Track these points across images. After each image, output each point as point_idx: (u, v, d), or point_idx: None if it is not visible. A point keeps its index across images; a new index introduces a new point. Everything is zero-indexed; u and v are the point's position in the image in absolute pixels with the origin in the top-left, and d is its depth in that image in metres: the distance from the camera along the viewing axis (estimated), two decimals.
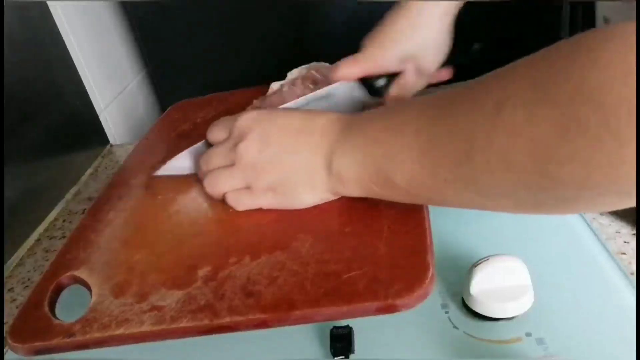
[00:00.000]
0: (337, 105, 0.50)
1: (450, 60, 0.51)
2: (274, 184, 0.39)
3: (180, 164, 0.48)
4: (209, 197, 0.44)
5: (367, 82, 0.49)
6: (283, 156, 0.39)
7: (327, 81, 0.50)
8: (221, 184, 0.41)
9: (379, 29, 0.49)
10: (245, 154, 0.40)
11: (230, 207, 0.42)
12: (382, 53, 0.48)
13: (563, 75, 0.24)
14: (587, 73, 0.23)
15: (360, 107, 0.50)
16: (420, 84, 0.51)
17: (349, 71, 0.48)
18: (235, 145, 0.40)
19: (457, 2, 0.49)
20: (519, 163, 0.27)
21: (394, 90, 0.50)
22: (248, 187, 0.40)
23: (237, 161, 0.40)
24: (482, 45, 0.54)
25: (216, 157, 0.42)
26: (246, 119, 0.41)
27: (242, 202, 0.41)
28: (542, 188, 0.27)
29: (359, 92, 0.49)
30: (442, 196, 0.33)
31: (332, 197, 0.39)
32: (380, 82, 0.49)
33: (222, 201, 0.42)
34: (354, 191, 0.38)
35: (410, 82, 0.50)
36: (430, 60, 0.50)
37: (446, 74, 0.53)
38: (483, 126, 0.28)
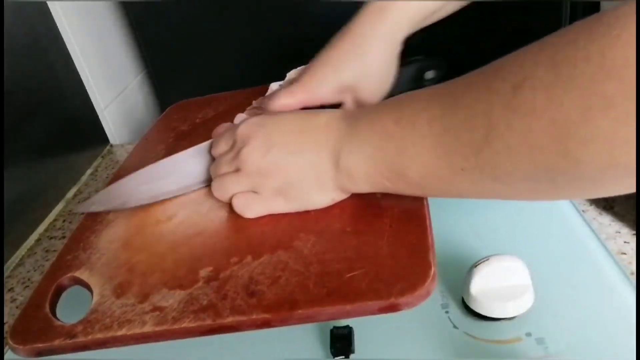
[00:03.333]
0: None
1: (404, 87, 0.47)
2: (281, 188, 0.39)
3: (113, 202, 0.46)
4: (209, 197, 0.44)
5: None
6: (287, 158, 0.38)
7: (268, 104, 0.47)
8: (228, 188, 0.41)
9: (317, 58, 0.46)
10: (249, 159, 0.39)
11: (228, 208, 0.42)
12: (317, 84, 0.45)
13: (583, 53, 0.24)
14: (608, 50, 0.23)
15: None
16: None
17: (285, 102, 0.45)
18: (239, 151, 0.40)
19: (410, 24, 0.45)
20: (540, 145, 0.26)
21: None
22: (256, 192, 0.40)
23: (242, 167, 0.40)
24: (437, 74, 0.51)
25: (223, 165, 0.42)
26: (247, 125, 0.40)
27: (251, 209, 0.40)
28: (563, 170, 0.27)
29: None
30: (458, 187, 0.33)
31: (343, 196, 0.39)
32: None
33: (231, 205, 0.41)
34: (364, 187, 0.37)
35: None
36: (372, 92, 0.46)
37: None
38: (501, 110, 0.28)
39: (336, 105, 0.46)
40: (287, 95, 0.46)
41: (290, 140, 0.38)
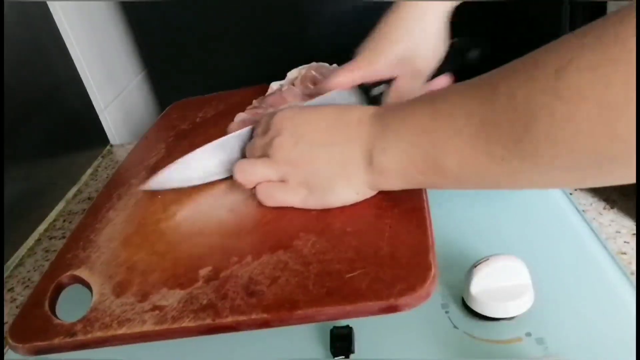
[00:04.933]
0: None
1: (447, 67, 0.51)
2: (307, 179, 0.39)
3: (176, 175, 0.46)
4: (209, 197, 0.44)
5: (363, 90, 0.49)
6: (317, 149, 0.38)
7: (326, 83, 0.50)
8: (257, 171, 0.41)
9: (372, 34, 0.49)
10: (280, 148, 0.39)
11: (228, 207, 0.42)
12: (376, 59, 0.48)
13: (630, 31, 0.23)
14: None
15: None
16: (416, 88, 0.50)
17: (344, 79, 0.48)
18: (272, 139, 0.40)
19: (453, 2, 0.48)
20: (586, 130, 0.26)
21: (390, 96, 0.49)
22: (283, 181, 0.40)
23: (272, 155, 0.40)
24: (479, 51, 0.53)
25: (255, 150, 0.42)
26: (281, 116, 0.41)
27: (273, 197, 0.40)
28: (612, 155, 0.26)
29: (356, 100, 0.49)
30: (496, 177, 0.32)
31: (369, 193, 0.39)
32: (376, 91, 0.48)
33: (250, 192, 0.41)
34: (396, 183, 0.37)
35: (406, 87, 0.49)
36: (427, 62, 0.49)
37: (445, 81, 0.52)
38: (543, 96, 0.27)
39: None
40: (345, 71, 0.48)
41: (320, 132, 0.39)
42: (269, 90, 0.59)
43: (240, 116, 0.54)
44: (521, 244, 0.43)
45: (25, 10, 0.67)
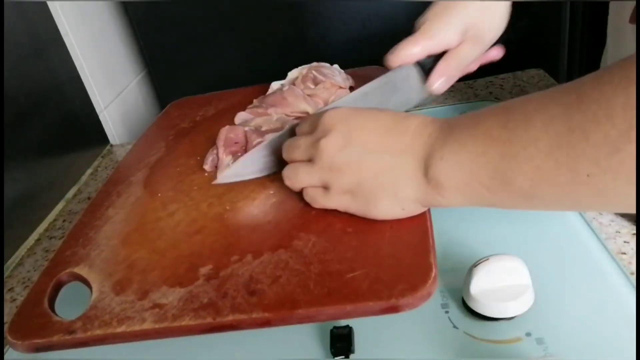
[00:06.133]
0: (398, 91, 0.47)
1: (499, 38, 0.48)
2: (351, 187, 0.36)
3: (244, 169, 0.45)
4: (208, 195, 0.44)
5: (418, 64, 0.47)
6: (366, 156, 0.35)
7: (390, 60, 0.47)
8: (300, 179, 0.39)
9: (432, 6, 0.46)
10: (325, 151, 0.37)
11: (228, 206, 0.42)
12: (441, 28, 0.45)
13: None
14: None
15: (422, 92, 0.47)
16: (475, 55, 0.48)
17: (409, 52, 0.45)
18: (317, 140, 0.37)
19: None
20: None
21: (448, 60, 0.46)
22: (326, 187, 0.38)
23: (316, 158, 0.37)
24: (528, 21, 0.51)
25: (297, 149, 0.40)
26: (332, 114, 0.38)
27: (317, 202, 0.39)
28: None
29: (416, 75, 0.47)
30: (577, 196, 0.29)
31: (417, 210, 0.36)
32: (429, 63, 0.46)
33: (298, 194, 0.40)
34: (455, 200, 0.33)
35: (467, 52, 0.46)
36: (494, 30, 0.46)
37: (497, 52, 0.50)
38: None
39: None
40: (409, 43, 0.45)
41: (372, 138, 0.36)
42: (270, 90, 0.59)
43: (240, 116, 0.54)
44: (521, 244, 0.43)
45: (25, 10, 0.67)
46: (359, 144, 0.36)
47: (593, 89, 0.27)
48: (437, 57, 0.47)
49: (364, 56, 0.61)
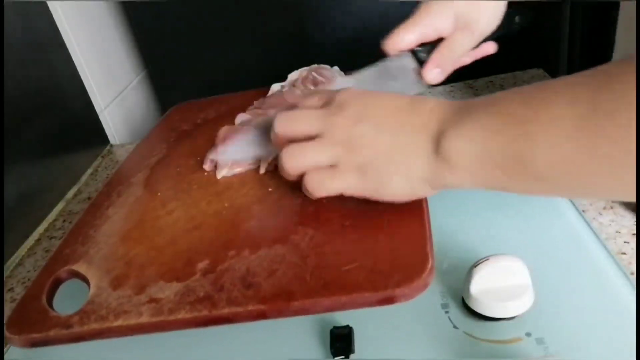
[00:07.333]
0: (394, 80, 0.47)
1: (493, 32, 0.48)
2: (363, 165, 0.35)
3: (238, 155, 0.45)
4: (207, 192, 0.44)
5: (414, 55, 0.47)
6: (379, 134, 0.35)
7: (387, 46, 0.47)
8: (306, 157, 0.37)
9: None
10: (339, 126, 0.36)
11: (227, 203, 0.42)
12: (435, 15, 0.45)
13: None
14: None
15: (418, 84, 0.47)
16: (468, 45, 0.47)
17: (405, 38, 0.45)
18: (331, 115, 0.36)
19: None
20: None
21: (440, 49, 0.46)
22: (333, 166, 0.36)
23: (326, 133, 0.36)
24: (522, 18, 0.52)
25: (302, 119, 0.38)
26: (349, 93, 0.37)
27: (323, 184, 0.36)
28: None
29: (412, 66, 0.47)
30: (592, 178, 0.28)
31: (426, 192, 0.35)
32: (424, 56, 0.46)
33: (295, 182, 0.39)
34: (464, 180, 0.33)
35: (459, 41, 0.46)
36: (487, 21, 0.46)
37: (490, 47, 0.50)
38: None
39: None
40: (404, 30, 0.45)
41: (388, 117, 0.35)
42: (270, 92, 0.59)
43: (241, 117, 0.55)
44: (521, 244, 0.43)
45: (25, 10, 0.67)
46: (375, 121, 0.35)
47: (623, 71, 0.26)
48: (431, 50, 0.47)
49: (365, 58, 0.61)
